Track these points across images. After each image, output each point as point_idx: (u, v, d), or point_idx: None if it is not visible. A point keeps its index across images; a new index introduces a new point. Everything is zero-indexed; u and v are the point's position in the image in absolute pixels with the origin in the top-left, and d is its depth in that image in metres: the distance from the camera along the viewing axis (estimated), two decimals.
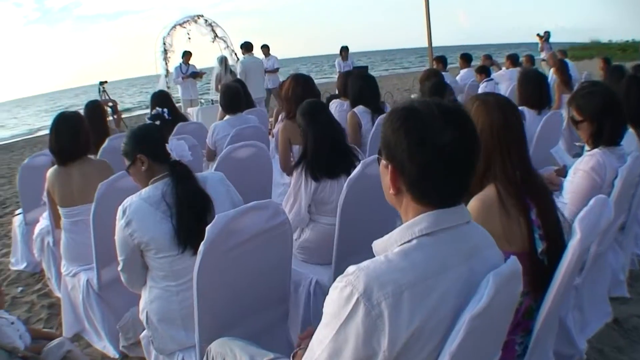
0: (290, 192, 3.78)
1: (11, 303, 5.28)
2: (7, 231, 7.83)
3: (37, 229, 5.42)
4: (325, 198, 3.71)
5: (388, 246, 1.63)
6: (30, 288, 5.66)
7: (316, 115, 3.78)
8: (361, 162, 3.46)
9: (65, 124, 4.24)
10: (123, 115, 14.82)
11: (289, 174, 5.22)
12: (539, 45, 16.87)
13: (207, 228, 2.46)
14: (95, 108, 6.27)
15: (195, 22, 13.86)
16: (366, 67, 16.22)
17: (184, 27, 13.68)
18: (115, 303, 4.03)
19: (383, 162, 1.68)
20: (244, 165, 4.39)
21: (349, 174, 3.59)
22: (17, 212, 6.47)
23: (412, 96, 11.11)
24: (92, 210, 3.70)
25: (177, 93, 13.51)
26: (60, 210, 4.22)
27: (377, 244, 1.69)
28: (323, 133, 3.74)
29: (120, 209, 2.87)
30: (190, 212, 2.82)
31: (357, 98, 5.79)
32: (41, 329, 4.02)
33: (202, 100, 12.92)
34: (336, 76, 15.62)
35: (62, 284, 4.34)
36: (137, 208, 2.83)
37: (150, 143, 2.99)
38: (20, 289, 5.65)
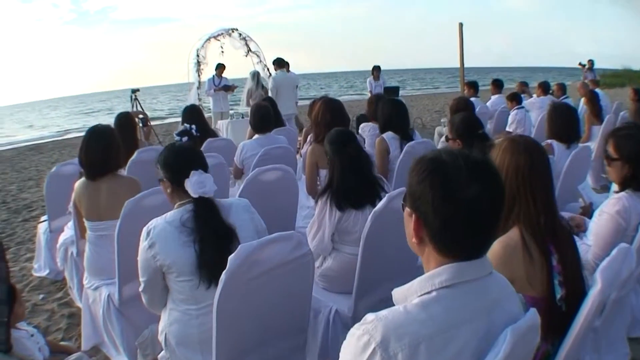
0: (315, 219, 3.78)
1: (32, 310, 5.35)
2: (32, 235, 7.93)
3: (62, 238, 5.49)
4: (349, 228, 3.70)
5: (408, 296, 1.62)
6: (51, 296, 5.72)
7: (344, 145, 3.76)
8: (387, 195, 3.45)
9: (97, 139, 4.25)
10: (153, 123, 14.97)
11: (315, 197, 5.24)
12: (582, 74, 16.74)
13: (230, 258, 2.47)
14: (126, 120, 6.33)
15: (230, 35, 13.94)
16: (397, 88, 16.21)
17: (218, 40, 13.77)
18: (135, 319, 4.04)
19: (407, 209, 1.69)
20: (271, 188, 4.39)
21: (374, 205, 3.59)
22: (42, 218, 6.54)
23: (442, 120, 11.08)
24: (117, 228, 3.72)
25: (209, 104, 13.62)
26: (86, 223, 4.25)
27: (397, 293, 1.68)
28: (350, 164, 3.73)
29: (144, 230, 2.89)
30: (211, 244, 2.82)
31: (386, 124, 5.80)
32: (60, 342, 4.04)
33: (232, 112, 13.00)
34: (368, 94, 15.66)
35: (84, 296, 4.37)
36: (161, 231, 2.84)
37: (173, 172, 2.97)
38: (41, 296, 5.72)
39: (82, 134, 4.56)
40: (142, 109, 13.01)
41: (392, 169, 5.54)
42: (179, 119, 7.98)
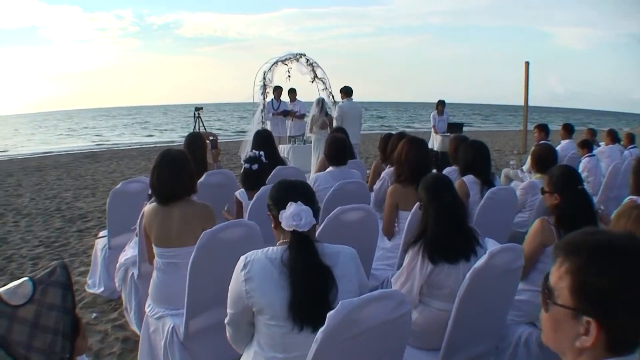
0: (404, 270, 3.57)
1: None
2: (86, 247, 7.88)
3: (122, 257, 5.37)
4: (440, 282, 3.49)
5: None
6: (105, 315, 5.59)
7: (441, 192, 3.56)
8: (488, 252, 3.26)
9: (169, 163, 4.11)
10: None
11: (390, 238, 5.02)
12: None
13: (329, 315, 2.28)
14: (196, 140, 6.22)
15: (297, 60, 13.87)
16: (461, 125, 15.95)
17: (285, 64, 13.72)
18: (199, 355, 3.89)
19: (565, 311, 1.46)
20: (351, 228, 4.20)
21: (468, 259, 3.46)
22: (101, 233, 6.46)
23: (511, 162, 10.77)
24: (191, 259, 3.58)
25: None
26: (155, 250, 4.10)
27: None
28: (446, 213, 3.53)
29: (242, 260, 2.69)
30: (305, 288, 2.59)
31: (467, 167, 5.62)
32: None
33: (294, 138, 12.90)
34: (430, 128, 15.43)
35: (144, 323, 4.22)
36: (261, 267, 2.64)
37: (274, 204, 2.78)
38: (94, 314, 5.60)
39: (138, 145, 4.41)
40: (205, 128, 13.02)
41: (471, 214, 5.29)
42: (239, 139, 7.86)
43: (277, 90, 13.82)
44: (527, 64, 20.47)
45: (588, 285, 1.41)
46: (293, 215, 2.65)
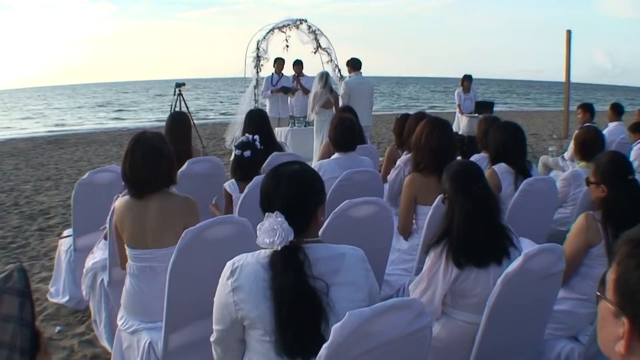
0: (424, 275, 3.57)
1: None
2: (49, 249, 7.88)
3: (90, 261, 5.35)
4: (466, 290, 3.49)
5: None
6: (71, 329, 5.60)
7: (469, 183, 3.56)
8: (523, 254, 3.26)
9: (144, 148, 4.05)
10: (196, 122, 14.96)
11: (407, 238, 5.01)
12: None
13: (335, 328, 2.26)
14: (181, 121, 6.22)
15: (297, 27, 13.80)
16: (492, 104, 15.89)
17: (283, 32, 13.66)
18: None
19: (610, 307, 1.46)
20: (360, 226, 4.19)
21: (499, 263, 3.45)
22: (65, 232, 6.46)
23: (550, 149, 10.76)
24: (170, 262, 3.57)
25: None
26: (128, 251, 4.09)
27: None
28: (475, 207, 3.52)
29: (229, 266, 2.67)
30: (288, 316, 2.54)
31: (499, 153, 5.61)
32: None
33: (294, 120, 12.84)
34: (455, 108, 15.38)
35: (116, 338, 4.22)
36: (251, 273, 2.61)
37: (261, 206, 2.74)
38: (58, 328, 5.60)
39: (109, 128, 4.39)
40: (187, 107, 13.00)
41: (503, 209, 5.28)
42: (228, 119, 7.86)
43: (279, 62, 13.68)
44: (569, 33, 20.35)
45: (625, 279, 1.41)
46: (268, 230, 2.57)
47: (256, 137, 5.55)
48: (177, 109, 13.95)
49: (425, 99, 70.24)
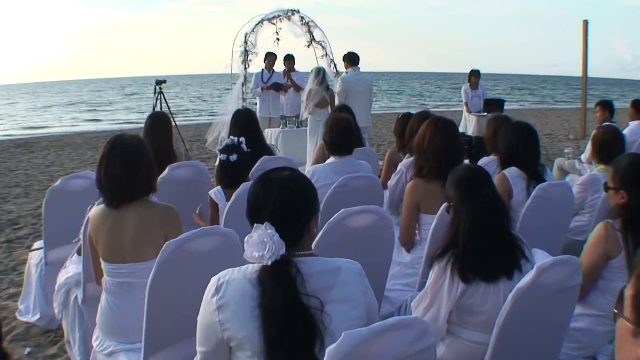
0: (427, 291, 3.59)
1: None
2: (18, 263, 7.87)
3: (62, 276, 5.34)
4: (474, 306, 3.50)
5: None
6: (41, 351, 5.61)
7: (476, 189, 3.57)
8: (535, 266, 3.25)
9: (121, 153, 4.05)
10: (179, 123, 14.95)
11: (409, 250, 5.01)
12: None
13: (329, 350, 2.26)
14: (161, 122, 6.23)
15: (289, 18, 13.81)
16: (502, 102, 15.91)
17: (274, 24, 13.66)
18: None
19: (628, 325, 1.45)
20: (358, 237, 4.20)
21: (510, 276, 3.45)
22: (35, 245, 6.45)
23: (566, 150, 10.81)
24: (150, 278, 3.55)
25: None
26: (104, 265, 4.09)
27: None
28: (484, 217, 3.53)
29: (214, 282, 2.67)
30: (278, 336, 2.55)
31: (509, 156, 5.63)
32: None
33: (286, 120, 12.84)
34: (463, 106, 15.41)
35: None
36: (238, 289, 2.61)
37: (248, 216, 2.75)
38: (28, 349, 5.61)
39: (83, 130, 4.39)
40: (169, 107, 12.99)
41: (514, 218, 5.28)
42: (211, 119, 7.87)
43: (270, 57, 13.77)
44: (586, 23, 20.41)
45: None
46: (257, 243, 2.56)
47: (242, 139, 5.55)
48: (158, 108, 13.96)
49: (429, 95, 70.44)
